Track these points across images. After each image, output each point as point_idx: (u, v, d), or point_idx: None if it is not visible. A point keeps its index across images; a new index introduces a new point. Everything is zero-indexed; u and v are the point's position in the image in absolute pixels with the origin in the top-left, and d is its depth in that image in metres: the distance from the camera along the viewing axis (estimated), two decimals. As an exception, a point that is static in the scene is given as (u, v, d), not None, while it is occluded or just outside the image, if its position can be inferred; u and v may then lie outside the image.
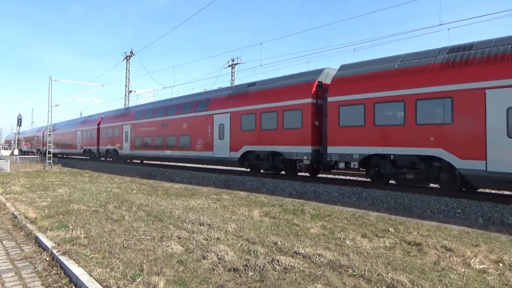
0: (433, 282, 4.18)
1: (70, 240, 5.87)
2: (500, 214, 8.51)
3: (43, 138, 40.83)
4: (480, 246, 5.81)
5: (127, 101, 39.44)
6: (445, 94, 9.77)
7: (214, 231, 6.44)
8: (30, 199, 10.47)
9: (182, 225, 7.03)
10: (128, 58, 39.51)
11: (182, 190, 13.11)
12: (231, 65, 36.19)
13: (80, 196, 11.10)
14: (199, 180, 17.02)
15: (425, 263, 4.95)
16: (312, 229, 6.86)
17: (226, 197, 11.10)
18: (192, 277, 4.33)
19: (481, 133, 9.00)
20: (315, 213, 8.50)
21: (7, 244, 6.24)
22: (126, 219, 7.60)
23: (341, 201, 11.09)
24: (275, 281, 4.19)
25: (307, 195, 12.22)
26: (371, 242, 6.01)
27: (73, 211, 8.50)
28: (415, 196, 10.11)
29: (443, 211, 9.31)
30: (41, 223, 7.14)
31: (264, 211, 8.69)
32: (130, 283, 4.11)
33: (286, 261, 4.76)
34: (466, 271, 4.62)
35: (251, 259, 4.92)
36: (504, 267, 4.86)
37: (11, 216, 8.45)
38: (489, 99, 8.90)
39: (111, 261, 4.89)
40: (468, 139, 9.29)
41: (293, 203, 9.89)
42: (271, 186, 13.78)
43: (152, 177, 19.39)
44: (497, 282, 4.30)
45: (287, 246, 5.55)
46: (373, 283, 4.14)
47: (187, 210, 8.67)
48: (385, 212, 9.04)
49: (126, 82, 39.59)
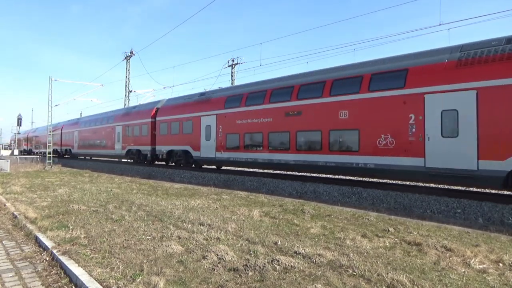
0: (433, 282, 4.18)
1: (70, 240, 5.87)
2: (500, 214, 8.50)
3: (61, 136, 37.86)
4: (480, 246, 5.81)
5: (127, 101, 39.44)
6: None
7: (214, 231, 6.44)
8: (30, 199, 10.47)
9: (182, 225, 7.03)
10: (128, 58, 39.51)
11: (182, 190, 13.11)
12: (231, 65, 36.18)
13: (80, 196, 11.10)
14: (199, 180, 17.02)
15: (425, 263, 4.95)
16: (312, 229, 6.87)
17: (226, 197, 11.10)
18: (192, 277, 4.33)
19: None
20: (315, 213, 8.50)
21: (7, 244, 6.24)
22: (126, 219, 7.60)
23: (341, 201, 11.09)
24: (275, 281, 4.19)
25: (307, 195, 12.22)
26: (371, 242, 6.01)
27: (73, 211, 8.50)
28: (415, 196, 10.12)
29: (443, 211, 9.31)
30: (41, 223, 7.14)
31: (264, 211, 8.69)
32: (130, 283, 4.11)
33: (286, 261, 4.77)
34: (466, 271, 4.62)
35: (251, 259, 4.92)
36: (504, 267, 4.86)
37: (11, 216, 8.45)
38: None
39: (111, 261, 4.89)
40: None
41: (293, 203, 9.89)
42: (271, 186, 13.79)
43: (152, 177, 19.40)
44: (497, 282, 4.30)
45: (287, 246, 5.55)
46: (373, 283, 4.14)
47: (187, 210, 8.67)
48: (385, 212, 9.04)
49: (126, 82, 39.60)
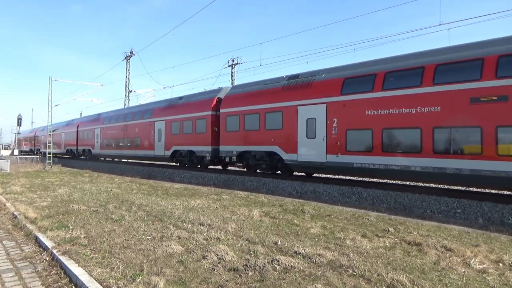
0: (433, 282, 4.18)
1: (70, 240, 5.87)
2: (500, 214, 8.50)
3: (77, 135, 32.90)
4: (480, 246, 5.81)
5: (127, 101, 39.45)
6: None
7: (214, 231, 6.44)
8: (30, 199, 10.46)
9: (182, 225, 7.03)
10: (128, 58, 39.52)
11: (182, 190, 13.11)
12: (231, 65, 36.19)
13: (80, 196, 11.10)
14: (199, 180, 17.01)
15: (425, 263, 4.94)
16: (312, 229, 6.86)
17: (226, 197, 11.10)
18: (192, 277, 4.33)
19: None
20: (315, 213, 8.50)
21: (7, 244, 6.24)
22: (126, 219, 7.60)
23: (341, 201, 11.09)
24: (275, 281, 4.19)
25: (307, 195, 12.22)
26: (371, 242, 6.01)
27: (73, 211, 8.50)
28: (415, 196, 10.12)
29: (443, 211, 9.31)
30: (41, 223, 7.14)
31: (264, 211, 8.68)
32: (130, 283, 4.11)
33: (286, 261, 4.76)
34: (466, 271, 4.61)
35: (251, 259, 4.92)
36: (504, 267, 4.85)
37: (11, 216, 8.44)
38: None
39: (111, 261, 4.89)
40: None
41: (293, 203, 9.89)
42: (271, 186, 13.78)
43: (152, 177, 19.39)
44: (497, 282, 4.30)
45: (287, 246, 5.55)
46: (373, 283, 4.14)
47: (187, 210, 8.67)
48: (385, 212, 9.04)
49: (126, 82, 39.61)
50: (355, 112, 11.55)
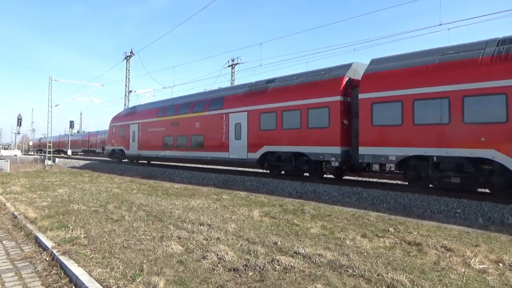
0: (433, 282, 4.18)
1: (70, 240, 5.87)
2: (500, 214, 8.51)
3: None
4: (480, 246, 5.81)
5: (127, 101, 39.45)
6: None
7: (214, 231, 6.44)
8: (30, 199, 10.46)
9: (182, 225, 7.03)
10: (128, 58, 39.51)
11: (182, 190, 13.11)
12: (231, 65, 36.20)
13: (80, 196, 11.10)
14: (199, 180, 17.02)
15: (425, 263, 4.94)
16: (312, 229, 6.86)
17: (226, 197, 11.09)
18: (192, 277, 4.33)
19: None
20: (315, 213, 8.50)
21: (7, 244, 6.24)
22: (126, 219, 7.59)
23: (341, 201, 11.09)
24: (275, 281, 4.19)
25: (307, 195, 12.22)
26: (371, 242, 6.01)
27: (73, 211, 8.49)
28: (415, 196, 10.12)
29: (443, 211, 9.31)
30: (41, 223, 7.14)
31: (264, 211, 8.68)
32: (130, 283, 4.11)
33: (286, 261, 4.76)
34: (466, 271, 4.61)
35: (251, 259, 4.92)
36: (504, 267, 4.85)
37: (11, 216, 8.44)
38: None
39: (111, 261, 4.89)
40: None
41: (293, 203, 9.89)
42: (271, 186, 13.78)
43: (152, 177, 19.38)
44: (497, 282, 4.29)
45: (287, 246, 5.55)
46: (373, 283, 4.13)
47: (187, 210, 8.67)
48: (385, 212, 9.04)
49: (126, 82, 39.60)
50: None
